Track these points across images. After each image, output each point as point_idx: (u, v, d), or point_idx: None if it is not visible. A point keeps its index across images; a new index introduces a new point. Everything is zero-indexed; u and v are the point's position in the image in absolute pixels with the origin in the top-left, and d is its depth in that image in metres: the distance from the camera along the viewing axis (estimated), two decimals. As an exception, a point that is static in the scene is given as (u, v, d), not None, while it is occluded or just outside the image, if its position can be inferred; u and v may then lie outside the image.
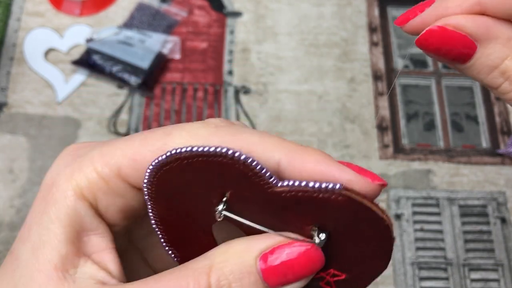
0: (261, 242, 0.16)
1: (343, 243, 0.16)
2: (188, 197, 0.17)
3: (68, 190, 0.17)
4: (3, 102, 0.47)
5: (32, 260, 0.17)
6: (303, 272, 0.16)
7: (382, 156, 0.46)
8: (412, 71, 0.50)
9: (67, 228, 0.17)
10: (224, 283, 0.16)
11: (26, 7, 0.51)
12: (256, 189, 0.16)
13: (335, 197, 0.15)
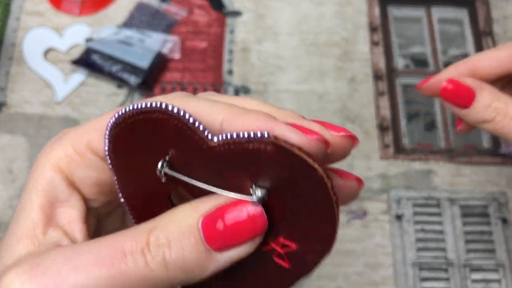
0: (204, 204, 0.16)
1: (286, 205, 0.15)
2: (137, 161, 0.17)
3: (46, 164, 0.19)
4: (2, 102, 0.47)
5: (12, 226, 0.18)
6: (245, 233, 0.16)
7: (382, 156, 0.45)
8: (413, 71, 0.50)
9: (41, 198, 0.18)
10: (163, 242, 0.15)
11: (25, 7, 0.51)
12: (194, 146, 0.15)
13: (264, 147, 0.14)
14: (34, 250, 0.17)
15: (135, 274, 0.15)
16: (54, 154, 0.19)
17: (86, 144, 0.18)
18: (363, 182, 0.17)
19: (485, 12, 0.53)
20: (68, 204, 0.19)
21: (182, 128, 0.15)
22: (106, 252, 0.16)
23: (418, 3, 0.53)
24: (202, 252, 0.16)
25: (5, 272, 0.16)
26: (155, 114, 0.15)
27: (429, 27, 0.52)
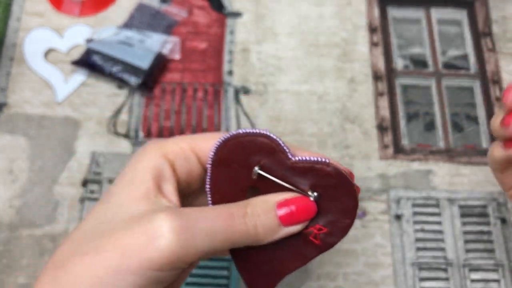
0: (278, 195, 0.25)
1: (327, 205, 0.25)
2: (236, 165, 0.26)
3: (156, 152, 0.26)
4: (3, 102, 0.47)
5: (124, 191, 0.25)
6: (303, 216, 0.25)
7: (382, 156, 0.46)
8: (412, 71, 0.50)
9: (152, 174, 0.25)
10: (255, 213, 0.25)
11: (26, 7, 0.52)
12: (279, 160, 0.25)
13: (326, 167, 0.25)
14: (151, 207, 0.24)
15: (237, 228, 0.24)
16: (162, 147, 0.26)
17: (190, 146, 0.27)
18: (359, 189, 0.27)
19: (484, 13, 0.53)
20: (169, 181, 0.26)
21: (276, 149, 0.25)
22: (221, 213, 0.24)
23: (417, 4, 0.53)
24: (276, 225, 0.25)
25: (154, 215, 0.23)
26: (261, 137, 0.25)
27: (429, 28, 0.52)
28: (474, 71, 0.50)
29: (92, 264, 0.23)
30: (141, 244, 0.22)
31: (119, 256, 0.22)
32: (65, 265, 0.24)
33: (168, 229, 0.22)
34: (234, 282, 0.40)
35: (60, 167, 0.44)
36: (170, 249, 0.22)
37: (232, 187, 0.26)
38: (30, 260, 0.40)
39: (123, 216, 0.24)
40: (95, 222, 0.25)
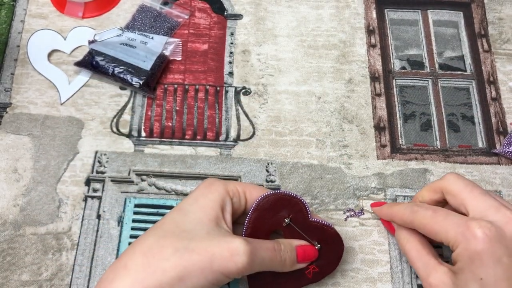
0: (297, 241, 0.37)
1: (323, 253, 0.38)
2: (271, 214, 0.37)
3: (222, 188, 0.36)
4: (7, 102, 0.48)
5: (200, 212, 0.34)
6: (310, 259, 0.37)
7: (379, 156, 0.46)
8: (409, 72, 0.51)
9: (220, 204, 0.35)
10: (286, 250, 0.36)
11: (29, 9, 0.52)
12: (302, 217, 0.37)
13: (330, 230, 0.38)
14: (223, 231, 0.33)
15: (277, 258, 0.35)
16: (227, 186, 0.36)
17: (243, 190, 0.37)
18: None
19: (481, 14, 0.54)
20: (229, 212, 0.35)
21: (302, 209, 0.37)
22: (269, 246, 0.35)
23: (414, 6, 0.54)
24: (295, 260, 0.36)
25: (233, 237, 0.33)
26: (294, 199, 0.37)
27: (425, 29, 0.53)
28: (470, 72, 0.51)
29: (184, 258, 0.31)
30: (225, 255, 0.31)
31: (208, 259, 0.31)
32: (157, 254, 0.31)
33: (244, 251, 0.32)
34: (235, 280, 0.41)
35: (64, 166, 0.45)
36: (243, 265, 0.31)
37: (263, 227, 0.37)
38: (34, 258, 0.41)
39: (202, 231, 0.33)
40: (178, 228, 0.33)
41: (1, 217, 0.42)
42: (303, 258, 0.36)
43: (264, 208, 0.36)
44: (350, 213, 0.43)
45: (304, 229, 0.37)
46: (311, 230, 0.37)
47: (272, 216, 0.37)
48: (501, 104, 0.49)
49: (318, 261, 0.37)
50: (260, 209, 0.36)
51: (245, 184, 0.37)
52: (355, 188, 0.44)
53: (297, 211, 0.37)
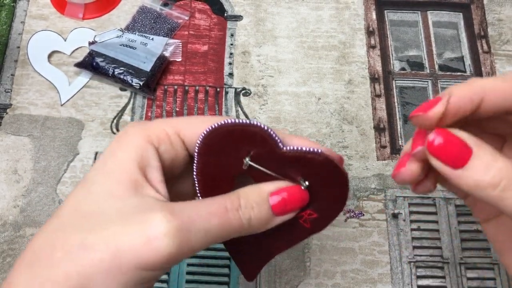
0: (270, 185, 0.25)
1: (317, 192, 0.25)
2: (224, 154, 0.25)
3: (139, 135, 0.24)
4: (7, 103, 0.48)
5: (108, 181, 0.23)
6: (296, 206, 0.25)
7: (379, 157, 0.46)
8: (408, 73, 0.51)
9: (137, 161, 0.24)
10: (249, 205, 0.24)
11: (30, 10, 0.52)
12: (270, 150, 0.25)
13: (317, 157, 0.24)
14: (141, 202, 0.23)
15: (232, 223, 0.23)
16: (146, 129, 0.25)
17: (175, 129, 0.25)
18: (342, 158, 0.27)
19: (480, 15, 0.54)
20: (156, 169, 0.24)
21: (266, 139, 0.24)
22: (215, 207, 0.23)
23: (414, 7, 0.54)
24: (270, 215, 0.25)
25: (150, 213, 0.22)
26: (251, 127, 0.24)
27: (425, 30, 0.53)
28: (470, 73, 0.51)
29: (79, 262, 0.21)
30: (136, 245, 0.21)
31: (112, 255, 0.21)
32: (45, 260, 0.21)
33: (165, 230, 0.21)
34: (234, 280, 0.41)
35: (64, 167, 0.45)
36: (167, 251, 0.21)
37: (221, 175, 0.25)
38: (34, 258, 0.41)
39: (111, 210, 0.22)
40: (76, 213, 0.22)
41: (1, 218, 0.42)
42: (284, 208, 0.25)
43: (211, 149, 0.25)
44: (350, 214, 0.43)
45: (278, 166, 0.25)
46: (288, 165, 0.25)
47: (227, 158, 0.25)
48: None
49: (314, 204, 0.26)
50: (205, 152, 0.25)
51: (177, 120, 0.26)
52: (355, 189, 0.44)
53: (260, 143, 0.24)
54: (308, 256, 0.41)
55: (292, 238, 0.27)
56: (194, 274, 0.41)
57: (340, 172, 0.25)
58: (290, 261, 0.41)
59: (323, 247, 0.42)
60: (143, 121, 0.26)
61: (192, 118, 0.26)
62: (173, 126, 0.25)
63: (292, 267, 0.41)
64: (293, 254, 0.42)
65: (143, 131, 0.24)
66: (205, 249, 0.42)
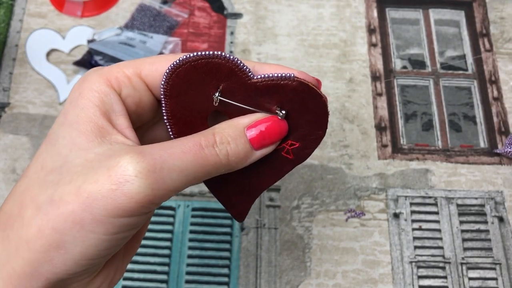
0: (245, 118, 0.24)
1: (296, 120, 0.24)
2: (192, 92, 0.24)
3: (99, 80, 0.23)
4: (6, 102, 0.47)
5: (72, 132, 0.22)
6: (275, 137, 0.24)
7: (380, 156, 0.46)
8: (410, 72, 0.50)
9: (100, 107, 0.22)
10: (225, 140, 0.23)
11: (28, 8, 0.52)
12: (240, 81, 0.23)
13: (291, 82, 0.23)
14: (108, 147, 0.21)
15: (209, 160, 0.22)
16: (105, 74, 0.23)
17: (135, 71, 0.23)
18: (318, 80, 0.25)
19: (482, 13, 0.53)
20: (120, 114, 0.23)
21: (234, 69, 0.23)
22: (189, 146, 0.22)
23: (415, 5, 0.54)
24: (248, 149, 0.24)
25: (117, 157, 0.21)
26: (215, 59, 0.23)
27: (427, 28, 0.53)
28: (472, 71, 0.51)
29: (50, 217, 0.20)
30: (106, 191, 0.20)
31: (83, 206, 0.20)
32: (16, 221, 0.21)
33: (134, 172, 0.20)
34: (234, 280, 0.41)
35: (62, 167, 0.44)
36: (140, 193, 0.20)
37: (193, 115, 0.24)
38: (33, 258, 0.41)
39: (77, 161, 0.21)
40: (43, 170, 0.22)
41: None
42: (262, 141, 0.24)
43: (177, 88, 0.23)
44: (351, 214, 0.43)
45: (251, 97, 0.23)
46: (262, 95, 0.23)
47: (196, 96, 0.24)
48: (503, 103, 0.49)
49: (294, 133, 0.25)
50: (171, 93, 0.23)
51: (137, 61, 0.24)
52: (356, 189, 0.44)
53: (228, 75, 0.23)
54: (308, 256, 0.41)
55: (276, 172, 0.25)
56: (194, 274, 0.41)
57: (317, 95, 0.23)
58: (291, 261, 0.41)
59: (324, 247, 0.42)
60: (102, 68, 0.24)
61: (153, 58, 0.24)
62: (134, 68, 0.23)
63: (292, 267, 0.41)
64: (293, 254, 0.41)
65: (101, 75, 0.23)
66: (205, 249, 0.41)
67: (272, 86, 0.23)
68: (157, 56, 0.24)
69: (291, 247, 0.42)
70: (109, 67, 0.23)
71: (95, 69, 0.23)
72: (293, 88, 0.23)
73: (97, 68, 0.23)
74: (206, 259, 0.41)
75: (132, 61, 0.24)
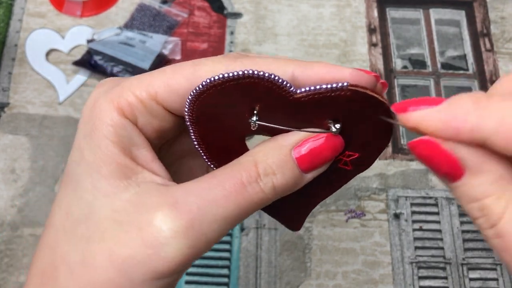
0: (292, 138, 0.20)
1: (354, 129, 0.20)
2: (224, 116, 0.20)
3: (111, 111, 0.20)
4: (5, 102, 0.47)
5: (93, 175, 0.19)
6: (328, 156, 0.20)
7: (381, 156, 0.46)
8: (410, 72, 0.50)
9: (118, 143, 0.20)
10: (270, 171, 0.19)
11: (27, 8, 0.52)
12: (280, 99, 0.19)
13: (344, 93, 0.19)
14: (136, 191, 0.19)
15: (253, 199, 0.19)
16: (117, 101, 0.20)
17: (151, 95, 0.20)
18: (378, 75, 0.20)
19: (483, 13, 0.53)
20: (142, 146, 0.20)
21: (271, 87, 0.19)
22: (229, 186, 0.19)
23: (416, 4, 0.54)
24: (297, 175, 0.20)
25: (149, 212, 0.18)
26: (246, 79, 0.19)
27: (427, 28, 0.53)
28: (473, 71, 0.50)
29: (86, 281, 0.19)
30: (141, 257, 0.18)
31: (120, 272, 0.18)
32: (50, 282, 0.19)
33: (171, 233, 0.18)
34: (234, 280, 0.41)
35: (62, 167, 0.44)
36: (179, 256, 0.18)
37: (227, 139, 0.21)
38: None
39: (104, 212, 0.19)
40: (68, 219, 0.20)
41: (-2, 218, 0.42)
42: (314, 163, 0.20)
43: (205, 116, 0.20)
44: (352, 214, 0.43)
45: (295, 113, 0.20)
46: (309, 109, 0.20)
47: (228, 120, 0.21)
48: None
49: (352, 144, 0.21)
50: (198, 120, 0.20)
51: (149, 80, 0.20)
52: (356, 189, 0.44)
53: (264, 94, 0.19)
54: (309, 257, 0.41)
55: (333, 184, 0.22)
56: (194, 274, 0.41)
57: (378, 103, 0.19)
58: (291, 261, 0.41)
59: (324, 248, 0.41)
60: (110, 81, 0.21)
61: (167, 73, 0.20)
62: (146, 89, 0.20)
63: (292, 268, 0.41)
64: (293, 255, 0.41)
65: (112, 102, 0.20)
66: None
67: (321, 99, 0.19)
68: (169, 71, 0.20)
69: (291, 248, 0.42)
70: (118, 90, 0.20)
71: (103, 93, 0.20)
72: (348, 98, 0.19)
73: (105, 91, 0.20)
74: (206, 260, 0.41)
75: (141, 79, 0.20)
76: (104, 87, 0.21)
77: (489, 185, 0.17)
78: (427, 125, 0.17)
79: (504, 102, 0.16)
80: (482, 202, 0.17)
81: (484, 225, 0.17)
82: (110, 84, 0.21)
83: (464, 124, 0.16)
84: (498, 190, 0.17)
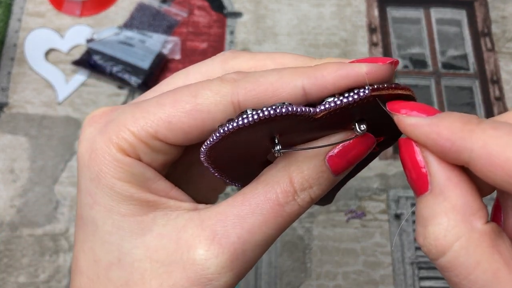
0: (324, 143, 0.19)
1: (377, 118, 0.19)
2: (242, 150, 0.20)
3: (114, 152, 0.18)
4: (4, 102, 0.47)
5: (113, 217, 0.18)
6: (360, 155, 0.19)
7: (381, 156, 0.46)
8: (411, 71, 0.50)
9: (132, 182, 0.19)
10: (306, 185, 0.19)
11: (27, 8, 0.52)
12: (301, 124, 0.18)
13: (366, 101, 0.18)
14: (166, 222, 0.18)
15: (292, 216, 0.19)
16: (116, 142, 0.19)
17: (150, 133, 0.18)
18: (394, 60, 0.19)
19: (484, 13, 0.53)
20: (157, 179, 0.19)
21: (290, 118, 0.18)
22: (267, 210, 0.18)
23: (416, 4, 0.53)
24: (332, 180, 0.19)
25: (188, 251, 0.18)
26: (263, 122, 0.17)
27: (428, 28, 0.52)
28: (473, 71, 0.50)
29: None
30: None
31: None
32: None
33: (217, 269, 0.18)
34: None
35: (61, 167, 0.44)
36: (227, 286, 0.18)
37: (248, 167, 0.20)
38: (31, 260, 0.40)
39: (137, 252, 0.18)
40: (98, 265, 0.19)
41: (-3, 219, 0.42)
42: (347, 165, 0.19)
43: (222, 160, 0.20)
44: (352, 215, 0.43)
45: (320, 128, 0.19)
46: (332, 123, 0.19)
47: (248, 152, 0.20)
48: (504, 103, 0.48)
49: (377, 131, 0.20)
50: (216, 165, 0.20)
51: (146, 115, 0.19)
52: (356, 189, 0.44)
53: (283, 125, 0.18)
54: (309, 257, 0.41)
55: (362, 165, 0.22)
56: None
57: (396, 96, 0.18)
58: (291, 262, 0.41)
59: (324, 248, 0.41)
60: (100, 116, 0.20)
61: (165, 107, 0.18)
62: (144, 128, 0.18)
63: (293, 268, 0.41)
64: (294, 255, 0.41)
65: (110, 142, 0.18)
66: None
67: (344, 111, 0.18)
68: (167, 105, 0.18)
69: (292, 248, 0.41)
70: (113, 128, 0.19)
71: (97, 133, 0.19)
72: (369, 105, 0.18)
73: (99, 130, 0.19)
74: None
75: (135, 113, 0.19)
76: (96, 124, 0.20)
77: (445, 211, 0.16)
78: (414, 133, 0.17)
79: (492, 130, 0.15)
80: (429, 228, 0.16)
81: (428, 254, 0.16)
82: (101, 121, 0.20)
83: (446, 143, 0.16)
84: (452, 219, 0.15)
